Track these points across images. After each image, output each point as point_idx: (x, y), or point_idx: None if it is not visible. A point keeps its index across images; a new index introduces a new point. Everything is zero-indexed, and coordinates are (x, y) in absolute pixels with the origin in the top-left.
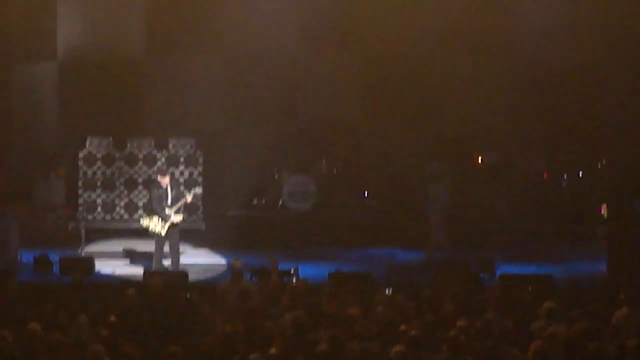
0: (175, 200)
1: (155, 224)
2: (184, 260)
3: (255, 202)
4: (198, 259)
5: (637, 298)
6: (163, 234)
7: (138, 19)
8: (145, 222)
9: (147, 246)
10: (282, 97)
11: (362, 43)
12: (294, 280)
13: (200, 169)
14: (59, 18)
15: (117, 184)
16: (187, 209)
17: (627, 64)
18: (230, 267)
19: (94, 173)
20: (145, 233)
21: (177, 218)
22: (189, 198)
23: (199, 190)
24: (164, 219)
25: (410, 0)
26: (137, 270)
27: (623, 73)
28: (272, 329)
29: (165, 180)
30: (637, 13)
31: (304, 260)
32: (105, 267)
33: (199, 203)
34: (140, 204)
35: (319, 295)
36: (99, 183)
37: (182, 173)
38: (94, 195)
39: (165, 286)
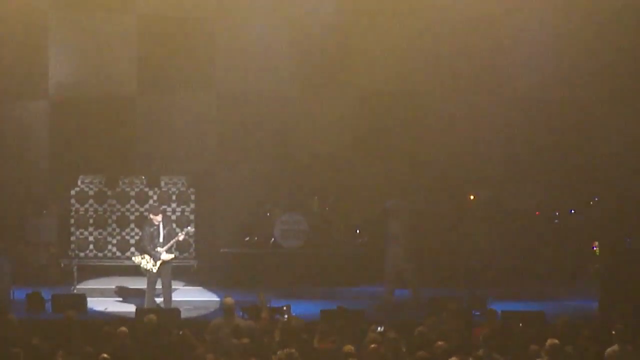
0: (167, 238)
1: (146, 262)
2: (176, 297)
3: (247, 239)
4: (190, 296)
5: (628, 335)
6: (154, 271)
7: (130, 58)
8: (136, 259)
9: (139, 283)
10: (273, 135)
11: (354, 82)
12: (286, 317)
13: (192, 206)
14: (51, 57)
15: (109, 221)
16: (179, 247)
17: (621, 103)
18: (221, 305)
19: (86, 211)
20: (137, 270)
21: (168, 256)
22: (181, 236)
23: (191, 228)
24: (155, 257)
25: (404, 40)
26: (130, 308)
27: (616, 111)
28: None
29: (157, 218)
30: (631, 51)
31: (296, 298)
32: (97, 304)
33: (191, 240)
34: (132, 241)
35: (311, 332)
36: (91, 221)
37: (174, 211)
38: (86, 233)
39: (157, 323)
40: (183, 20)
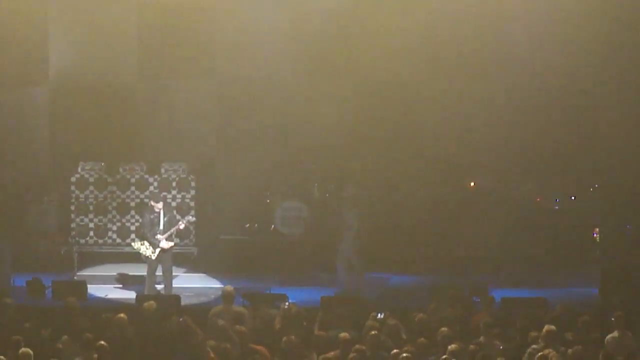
0: (167, 226)
1: (146, 248)
2: (177, 283)
3: (247, 226)
4: (191, 283)
5: (628, 321)
6: (153, 258)
7: (130, 45)
8: (136, 245)
9: (140, 270)
10: (274, 122)
11: (355, 69)
12: (287, 305)
13: (192, 193)
14: (51, 44)
15: (109, 208)
16: (180, 234)
17: (620, 88)
18: (222, 292)
19: (86, 197)
20: (137, 257)
21: (168, 244)
22: (181, 225)
23: (192, 218)
24: (154, 244)
25: (402, 27)
26: (130, 294)
27: (616, 96)
28: (265, 353)
29: (158, 206)
30: (629, 36)
31: (296, 285)
32: (97, 291)
33: (192, 227)
34: (133, 228)
35: (311, 319)
36: (91, 207)
37: (174, 198)
38: (86, 220)
39: (157, 310)
40: (183, 8)
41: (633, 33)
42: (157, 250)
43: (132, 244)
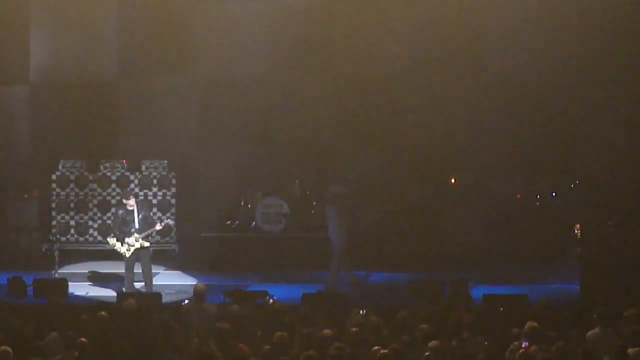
0: (143, 224)
1: (121, 245)
2: (158, 281)
3: (228, 223)
4: (172, 280)
5: (610, 318)
6: (127, 256)
7: (111, 42)
8: (111, 241)
9: (121, 268)
10: (255, 119)
11: (335, 65)
12: (271, 301)
13: (173, 190)
14: (32, 41)
15: (90, 206)
16: (160, 232)
17: (601, 85)
18: (193, 289)
19: (67, 195)
20: (118, 255)
21: (143, 243)
22: (158, 227)
23: (170, 221)
24: (126, 243)
25: (383, 23)
26: (111, 292)
27: (597, 92)
28: (247, 350)
29: (130, 203)
30: (609, 33)
31: (277, 282)
32: (78, 289)
33: (172, 225)
34: None
35: (293, 316)
36: (72, 205)
37: (155, 195)
38: (67, 217)
39: (137, 308)
40: (164, 5)
41: (612, 31)
42: (132, 248)
43: (108, 239)
